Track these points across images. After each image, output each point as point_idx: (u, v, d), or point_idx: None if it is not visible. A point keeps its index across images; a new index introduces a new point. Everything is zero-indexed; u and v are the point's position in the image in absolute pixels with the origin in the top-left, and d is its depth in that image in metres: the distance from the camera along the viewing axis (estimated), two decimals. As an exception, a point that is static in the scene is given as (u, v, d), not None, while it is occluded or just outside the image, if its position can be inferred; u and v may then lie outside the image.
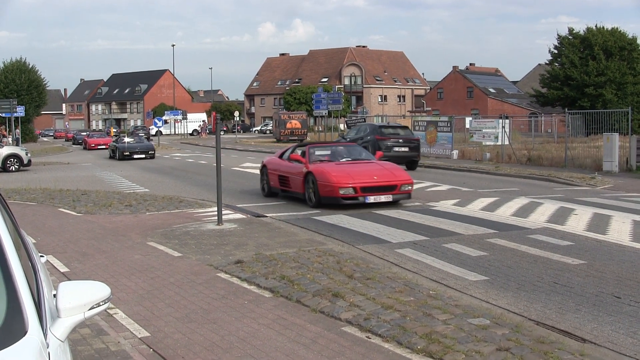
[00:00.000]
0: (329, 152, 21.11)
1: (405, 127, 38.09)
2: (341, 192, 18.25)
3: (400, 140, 33.80)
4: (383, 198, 18.58)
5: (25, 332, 3.34)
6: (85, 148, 70.42)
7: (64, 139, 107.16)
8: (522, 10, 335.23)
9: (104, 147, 64.58)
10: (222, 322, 8.45)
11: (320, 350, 7.37)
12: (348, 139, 34.85)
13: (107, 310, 8.57)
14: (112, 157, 50.07)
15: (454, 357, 7.02)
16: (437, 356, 7.05)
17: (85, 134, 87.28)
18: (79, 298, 3.80)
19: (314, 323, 8.31)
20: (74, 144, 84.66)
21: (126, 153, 47.86)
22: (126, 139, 52.02)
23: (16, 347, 3.22)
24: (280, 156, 22.20)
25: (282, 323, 8.33)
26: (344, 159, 20.56)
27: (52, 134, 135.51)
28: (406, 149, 33.48)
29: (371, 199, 18.48)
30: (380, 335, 7.74)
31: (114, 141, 53.10)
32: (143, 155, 47.78)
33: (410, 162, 33.07)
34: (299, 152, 21.45)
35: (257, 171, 33.22)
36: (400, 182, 18.86)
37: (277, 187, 21.57)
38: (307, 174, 19.33)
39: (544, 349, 7.18)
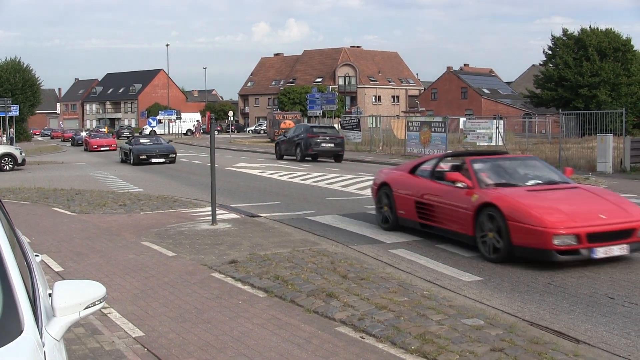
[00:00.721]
0: (503, 170, 13.90)
1: (332, 127, 46.22)
2: (556, 241, 11.06)
3: (327, 138, 41.14)
4: (616, 250, 11.53)
5: (21, 331, 3.34)
6: (86, 149, 64.15)
7: (61, 139, 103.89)
8: (515, 10, 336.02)
9: (107, 148, 61.20)
10: (216, 321, 8.45)
11: (314, 350, 7.38)
12: (288, 137, 43.87)
13: (102, 310, 8.56)
14: (124, 162, 43.27)
15: (448, 357, 7.04)
16: (431, 356, 7.07)
17: (85, 133, 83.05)
18: (75, 297, 3.81)
19: (308, 323, 8.32)
20: (72, 144, 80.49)
21: (143, 157, 40.50)
22: (142, 140, 44.86)
23: (12, 346, 3.22)
24: (413, 170, 15.28)
25: (276, 323, 8.34)
26: (531, 182, 13.50)
27: (49, 133, 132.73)
28: (332, 145, 40.75)
29: (601, 252, 11.34)
30: (374, 335, 7.75)
31: (127, 142, 44.96)
32: (162, 160, 40.59)
33: (336, 156, 40.96)
34: (448, 166, 15.11)
35: (253, 171, 33.36)
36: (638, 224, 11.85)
37: (412, 219, 14.61)
38: (484, 206, 12.26)
39: (537, 350, 7.20)
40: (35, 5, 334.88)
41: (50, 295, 3.93)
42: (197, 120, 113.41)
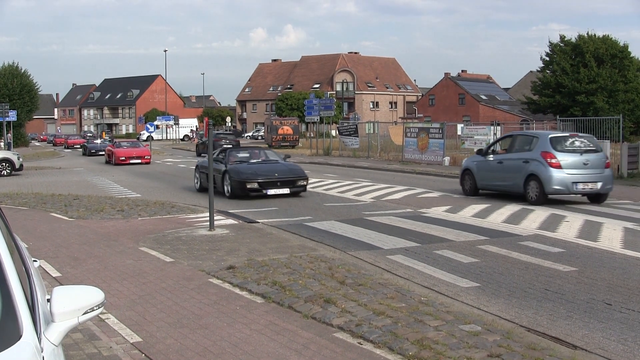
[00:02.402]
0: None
1: (232, 134, 65.83)
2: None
3: (227, 140, 57.61)
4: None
5: (20, 337, 3.35)
6: (109, 162, 49.99)
7: (64, 146, 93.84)
8: (512, 17, 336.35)
9: (138, 161, 47.66)
10: (214, 327, 8.46)
11: (311, 356, 7.39)
12: (203, 141, 60.33)
13: (99, 315, 8.54)
14: (203, 190, 25.52)
15: (446, 363, 7.05)
16: (428, 362, 7.07)
17: (108, 141, 68.71)
18: (73, 303, 3.81)
19: (305, 329, 8.32)
20: (84, 154, 67.14)
21: (252, 185, 23.24)
22: (241, 154, 26.44)
23: (11, 351, 3.23)
24: None
25: (274, 329, 8.35)
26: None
27: (52, 139, 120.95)
28: (230, 146, 44.90)
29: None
30: (372, 341, 7.76)
31: (221, 154, 25.88)
32: (286, 191, 23.44)
33: None
34: None
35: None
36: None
37: None
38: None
39: (535, 356, 7.21)
40: (32, 10, 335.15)
41: (48, 300, 3.93)
42: (192, 130, 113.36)
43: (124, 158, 47.78)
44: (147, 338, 8.11)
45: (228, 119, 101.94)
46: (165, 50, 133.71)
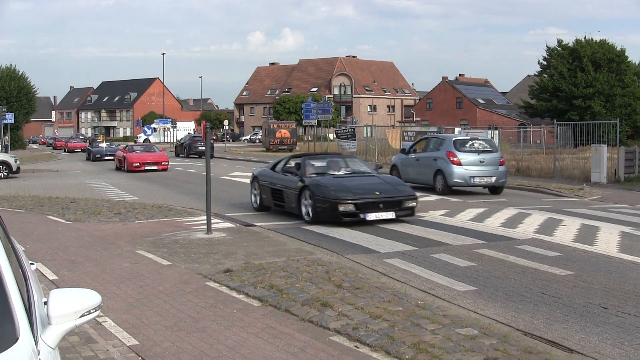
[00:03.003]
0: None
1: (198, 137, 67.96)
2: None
3: (201, 143, 59.83)
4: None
5: (17, 339, 3.35)
6: (120, 168, 44.49)
7: (63, 150, 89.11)
8: (510, 21, 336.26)
9: (154, 167, 42.20)
10: (211, 330, 8.46)
11: (308, 359, 7.39)
12: (181, 142, 67.09)
13: (96, 318, 8.53)
14: (261, 207, 20.96)
15: (442, 366, 7.06)
16: (425, 366, 7.08)
17: (120, 145, 64.75)
18: (70, 305, 3.82)
19: (302, 332, 8.33)
20: (88, 159, 61.37)
21: (346, 207, 17.30)
22: (319, 163, 20.24)
23: (7, 354, 3.23)
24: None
25: (271, 332, 8.35)
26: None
27: (52, 142, 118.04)
28: (203, 148, 49.19)
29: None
30: (369, 344, 7.76)
31: (290, 163, 20.76)
32: (391, 215, 17.78)
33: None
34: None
35: (248, 180, 33.30)
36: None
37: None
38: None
39: (531, 359, 7.22)
40: (30, 13, 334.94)
41: (45, 303, 3.94)
42: (189, 133, 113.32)
43: (138, 164, 41.72)
44: (144, 341, 8.11)
45: (226, 122, 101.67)
46: (163, 54, 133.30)
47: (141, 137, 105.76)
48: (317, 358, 7.41)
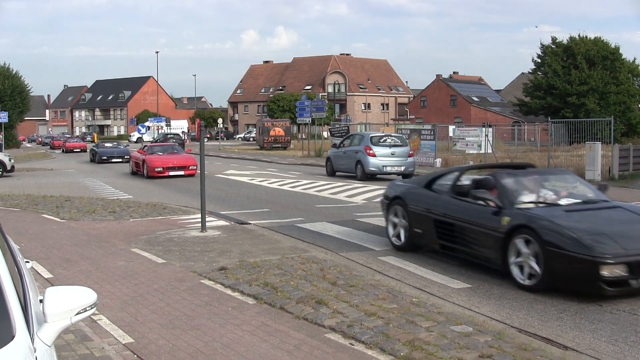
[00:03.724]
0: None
1: (178, 134, 73.18)
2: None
3: (175, 141, 61.56)
4: None
5: (13, 337, 3.36)
6: (136, 172, 37.53)
7: (62, 150, 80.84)
8: (503, 19, 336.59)
9: (181, 172, 34.75)
10: (206, 328, 8.47)
11: (303, 356, 7.40)
12: (156, 139, 62.81)
13: (91, 316, 8.55)
14: (409, 245, 13.86)
15: (437, 363, 7.07)
16: (420, 363, 7.10)
17: (127, 144, 60.70)
18: (66, 303, 3.83)
19: (297, 330, 8.34)
20: (93, 159, 54.27)
21: (614, 271, 9.74)
22: (524, 181, 12.36)
23: (3, 351, 3.24)
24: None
25: (266, 330, 8.36)
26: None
27: (48, 141, 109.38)
28: (175, 143, 52.66)
29: None
30: (364, 342, 7.78)
31: (462, 177, 13.38)
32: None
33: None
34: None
35: (243, 179, 33.35)
36: None
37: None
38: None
39: (526, 356, 7.24)
40: (23, 12, 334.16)
41: (41, 301, 3.95)
42: (183, 131, 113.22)
43: (161, 169, 34.42)
44: (139, 339, 8.12)
45: (220, 120, 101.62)
46: (157, 52, 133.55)
47: (134, 136, 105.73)
48: (312, 355, 7.42)
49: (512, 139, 55.35)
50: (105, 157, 52.13)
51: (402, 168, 31.29)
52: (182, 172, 34.73)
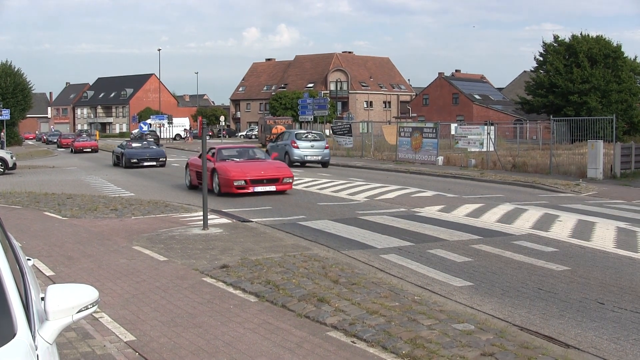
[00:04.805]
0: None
1: (154, 131, 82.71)
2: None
3: (150, 137, 69.82)
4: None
5: (14, 335, 3.35)
6: (196, 187, 26.43)
7: (70, 150, 72.97)
8: (505, 17, 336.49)
9: (270, 189, 24.23)
10: (208, 326, 8.46)
11: (305, 354, 7.40)
12: (132, 137, 72.61)
13: (93, 314, 8.55)
14: None
15: (439, 362, 7.07)
16: (421, 361, 7.09)
17: (161, 144, 53.83)
18: (68, 301, 3.82)
19: (299, 328, 8.34)
20: (118, 163, 44.20)
21: None
22: None
23: (5, 349, 3.23)
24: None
25: (268, 327, 8.35)
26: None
27: (55, 139, 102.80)
28: (153, 138, 60.26)
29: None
30: (366, 340, 7.77)
31: None
32: None
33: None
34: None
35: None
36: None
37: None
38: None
39: (528, 354, 7.23)
40: (25, 9, 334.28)
41: (42, 299, 3.94)
42: (185, 129, 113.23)
43: (242, 183, 23.83)
44: (141, 337, 8.12)
45: (222, 118, 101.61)
46: (159, 50, 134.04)
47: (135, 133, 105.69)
48: (314, 353, 7.42)
49: (514, 137, 55.29)
50: (135, 161, 42.17)
51: (319, 157, 40.51)
52: (272, 187, 24.13)
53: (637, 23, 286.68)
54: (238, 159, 25.86)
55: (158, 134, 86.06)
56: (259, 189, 23.69)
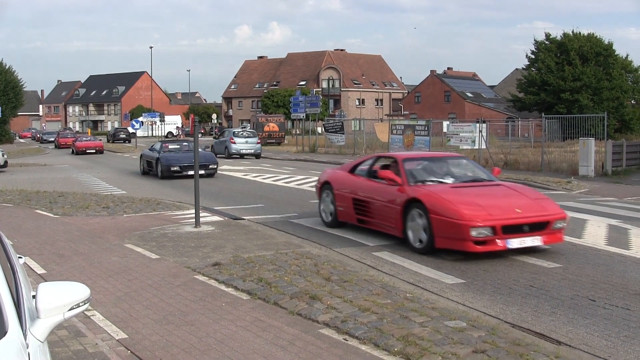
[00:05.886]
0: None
1: (125, 128, 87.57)
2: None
3: (122, 133, 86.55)
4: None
5: (5, 333, 3.35)
6: (362, 222, 15.44)
7: (72, 151, 63.57)
8: (497, 15, 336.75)
9: (535, 241, 12.69)
10: (200, 324, 8.46)
11: (297, 352, 7.40)
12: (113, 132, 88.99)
13: (85, 312, 8.54)
14: None
15: (431, 359, 7.07)
16: (413, 358, 7.09)
17: (165, 143, 35.41)
18: (59, 299, 3.82)
19: (291, 325, 8.34)
20: (149, 170, 33.98)
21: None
22: None
23: (-4, 347, 3.23)
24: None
25: (260, 325, 8.35)
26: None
27: (52, 138, 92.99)
28: (124, 136, 69.80)
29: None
30: (358, 337, 7.78)
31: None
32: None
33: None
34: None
35: (237, 174, 33.31)
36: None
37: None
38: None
39: (519, 351, 7.25)
40: (15, 7, 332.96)
41: (34, 297, 3.94)
42: (177, 127, 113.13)
43: (488, 233, 12.28)
44: (133, 335, 8.11)
45: (214, 116, 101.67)
46: (150, 47, 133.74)
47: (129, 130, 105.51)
48: (306, 351, 7.42)
49: (506, 134, 55.29)
50: (177, 169, 31.35)
51: (253, 151, 49.17)
52: (537, 241, 12.85)
53: (628, 21, 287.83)
54: (446, 180, 14.58)
55: (131, 130, 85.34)
56: (515, 243, 12.50)
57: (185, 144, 35.03)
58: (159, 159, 31.89)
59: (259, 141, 50.86)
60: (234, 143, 48.72)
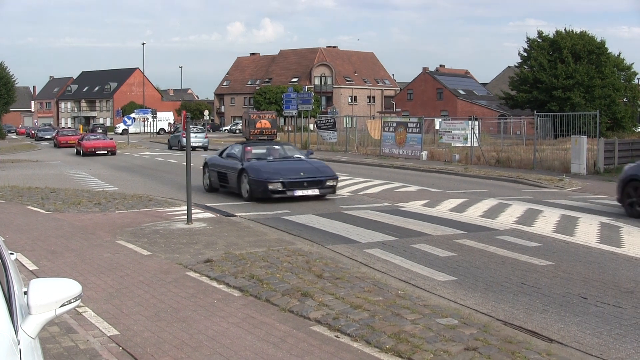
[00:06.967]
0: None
1: (102, 124, 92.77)
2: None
3: (101, 129, 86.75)
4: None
5: (-4, 329, 3.34)
6: None
7: (77, 152, 54.06)
8: (489, 12, 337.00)
9: None
10: (192, 320, 8.45)
11: (289, 349, 7.40)
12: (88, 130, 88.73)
13: (76, 309, 8.50)
14: None
15: (422, 356, 7.07)
16: (405, 355, 7.10)
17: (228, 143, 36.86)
18: (50, 295, 3.81)
19: (283, 322, 8.34)
20: (224, 185, 22.89)
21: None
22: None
23: (-13, 343, 3.22)
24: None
25: (251, 322, 8.35)
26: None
27: (49, 135, 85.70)
28: (100, 131, 71.20)
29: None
30: (349, 334, 7.78)
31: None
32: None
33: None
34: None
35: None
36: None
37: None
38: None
39: (511, 349, 7.25)
40: (6, 2, 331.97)
41: (25, 293, 3.92)
42: (169, 123, 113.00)
43: None
44: (125, 331, 8.10)
45: (206, 112, 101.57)
46: (143, 44, 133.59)
47: (120, 127, 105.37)
48: (298, 348, 7.42)
49: (498, 132, 55.28)
50: (279, 187, 20.49)
51: (201, 144, 57.49)
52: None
53: (621, 20, 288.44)
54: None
55: (123, 127, 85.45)
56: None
57: (276, 147, 24.25)
58: (245, 170, 21.34)
59: (206, 135, 62.06)
60: (184, 136, 51.70)
